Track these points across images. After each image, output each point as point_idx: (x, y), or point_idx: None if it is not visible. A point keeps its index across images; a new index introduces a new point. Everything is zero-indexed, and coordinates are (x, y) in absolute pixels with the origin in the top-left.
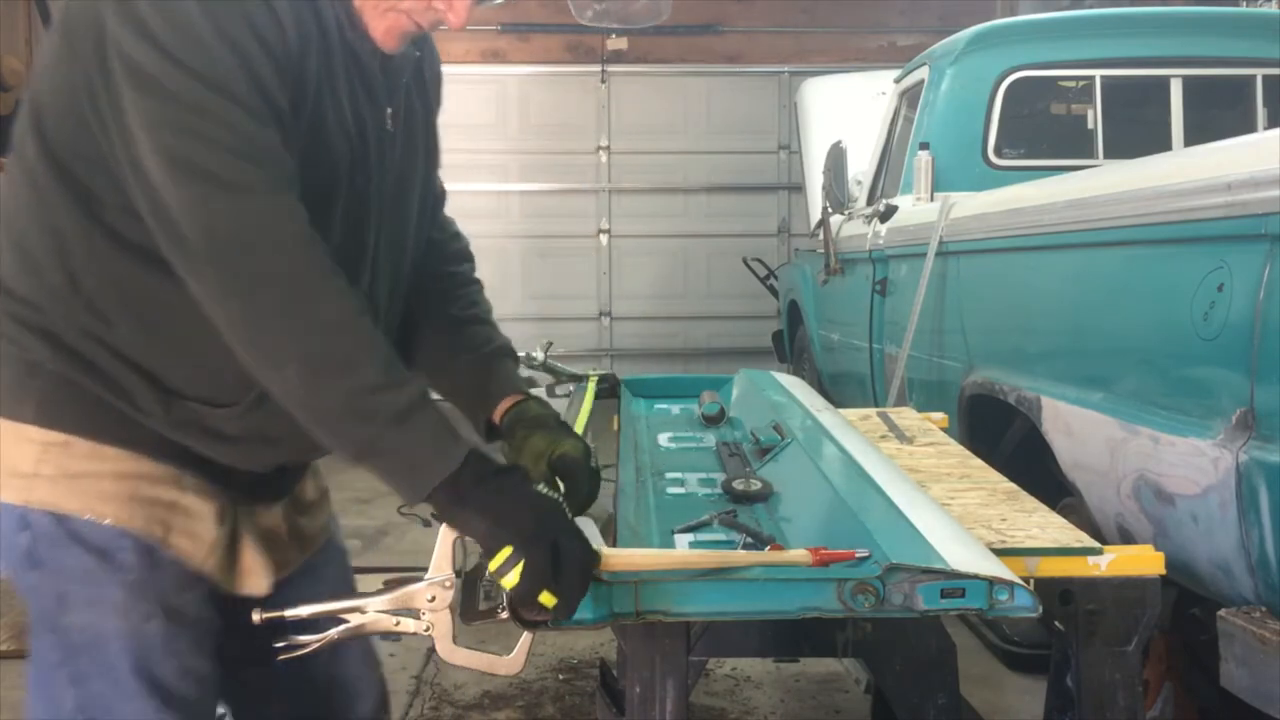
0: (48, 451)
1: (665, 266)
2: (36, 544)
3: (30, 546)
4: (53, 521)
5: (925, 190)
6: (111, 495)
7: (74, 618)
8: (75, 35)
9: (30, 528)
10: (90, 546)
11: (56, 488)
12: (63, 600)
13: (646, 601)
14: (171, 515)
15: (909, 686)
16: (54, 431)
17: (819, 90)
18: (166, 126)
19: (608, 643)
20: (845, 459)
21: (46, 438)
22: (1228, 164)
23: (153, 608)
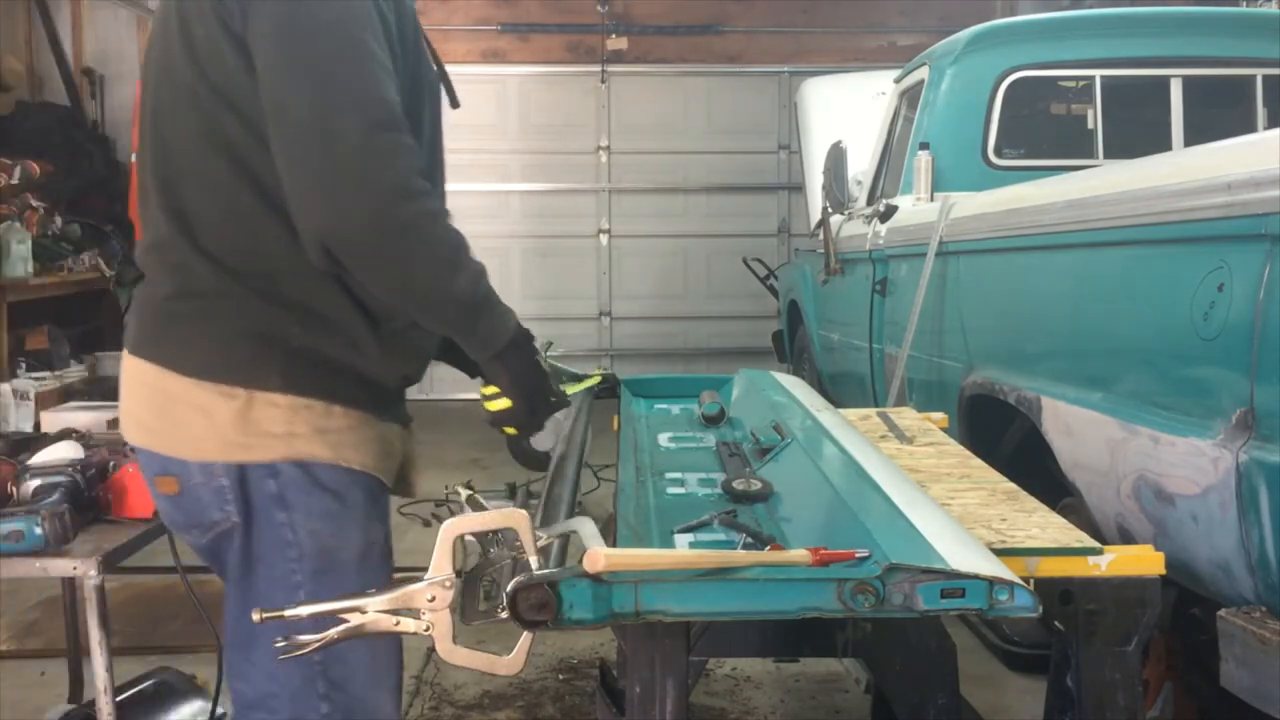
0: (297, 413)
1: (665, 266)
2: (285, 490)
3: (279, 491)
4: (300, 471)
5: (925, 190)
6: (350, 443)
7: (318, 546)
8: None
9: (278, 476)
10: (329, 490)
11: (311, 442)
12: (314, 535)
13: (646, 601)
14: (383, 451)
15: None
16: (298, 396)
17: (819, 90)
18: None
19: (608, 643)
20: (845, 459)
21: (292, 402)
22: (1228, 164)
23: (375, 537)
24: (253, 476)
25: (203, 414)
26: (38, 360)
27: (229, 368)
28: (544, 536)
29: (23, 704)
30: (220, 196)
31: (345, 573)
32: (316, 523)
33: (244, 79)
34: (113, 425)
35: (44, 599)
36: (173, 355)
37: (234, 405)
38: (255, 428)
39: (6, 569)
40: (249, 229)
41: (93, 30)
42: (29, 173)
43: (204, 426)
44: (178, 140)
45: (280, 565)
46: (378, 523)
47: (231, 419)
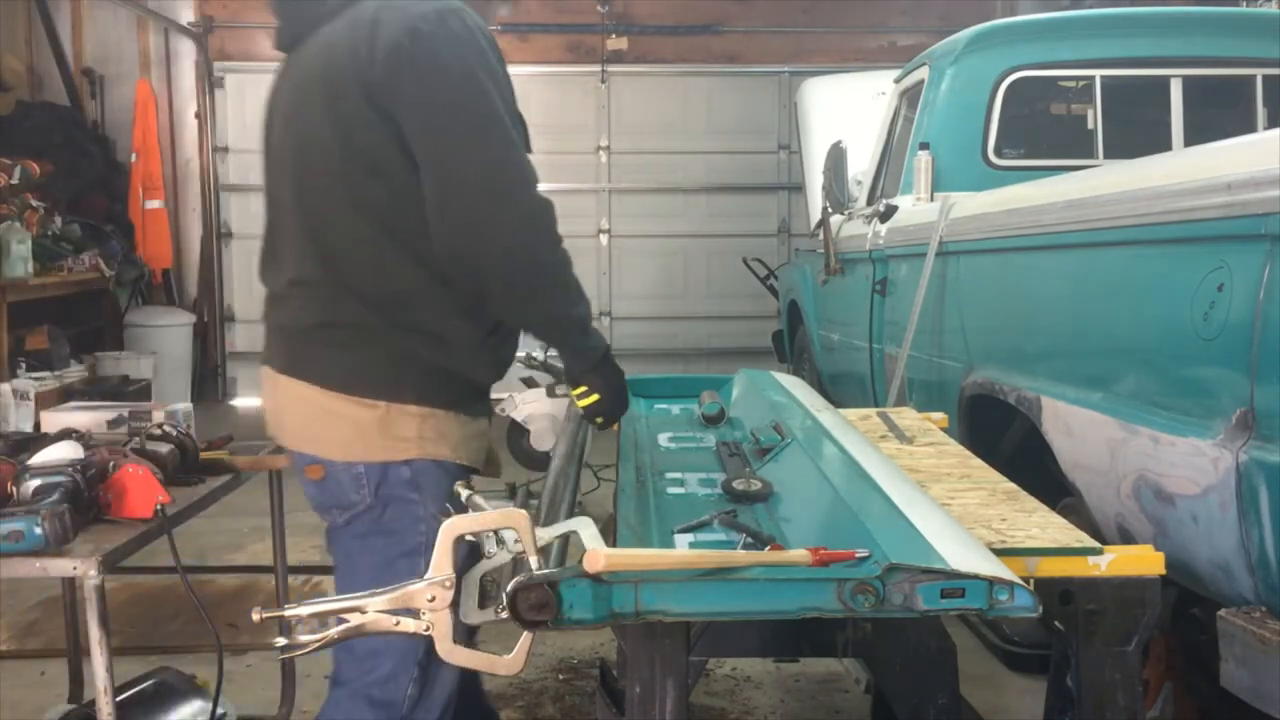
0: (426, 421)
1: (665, 266)
2: (417, 475)
3: (412, 477)
4: (428, 461)
5: (925, 190)
6: (462, 443)
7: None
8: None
9: (411, 465)
10: (450, 475)
11: (437, 445)
12: (440, 503)
13: (646, 601)
14: (480, 444)
15: (909, 686)
16: (426, 407)
17: (819, 90)
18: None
19: (608, 643)
20: (845, 459)
21: (422, 412)
22: (1228, 164)
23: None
24: (390, 468)
25: (350, 422)
26: (38, 360)
27: (372, 384)
28: (544, 536)
29: (23, 704)
30: (364, 246)
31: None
32: (444, 498)
33: (390, 147)
34: (113, 425)
35: (44, 599)
36: (323, 374)
37: (375, 414)
38: (393, 433)
39: (6, 569)
40: (387, 271)
41: (93, 30)
42: (29, 173)
43: (351, 432)
44: (325, 200)
45: (406, 535)
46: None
47: (374, 425)
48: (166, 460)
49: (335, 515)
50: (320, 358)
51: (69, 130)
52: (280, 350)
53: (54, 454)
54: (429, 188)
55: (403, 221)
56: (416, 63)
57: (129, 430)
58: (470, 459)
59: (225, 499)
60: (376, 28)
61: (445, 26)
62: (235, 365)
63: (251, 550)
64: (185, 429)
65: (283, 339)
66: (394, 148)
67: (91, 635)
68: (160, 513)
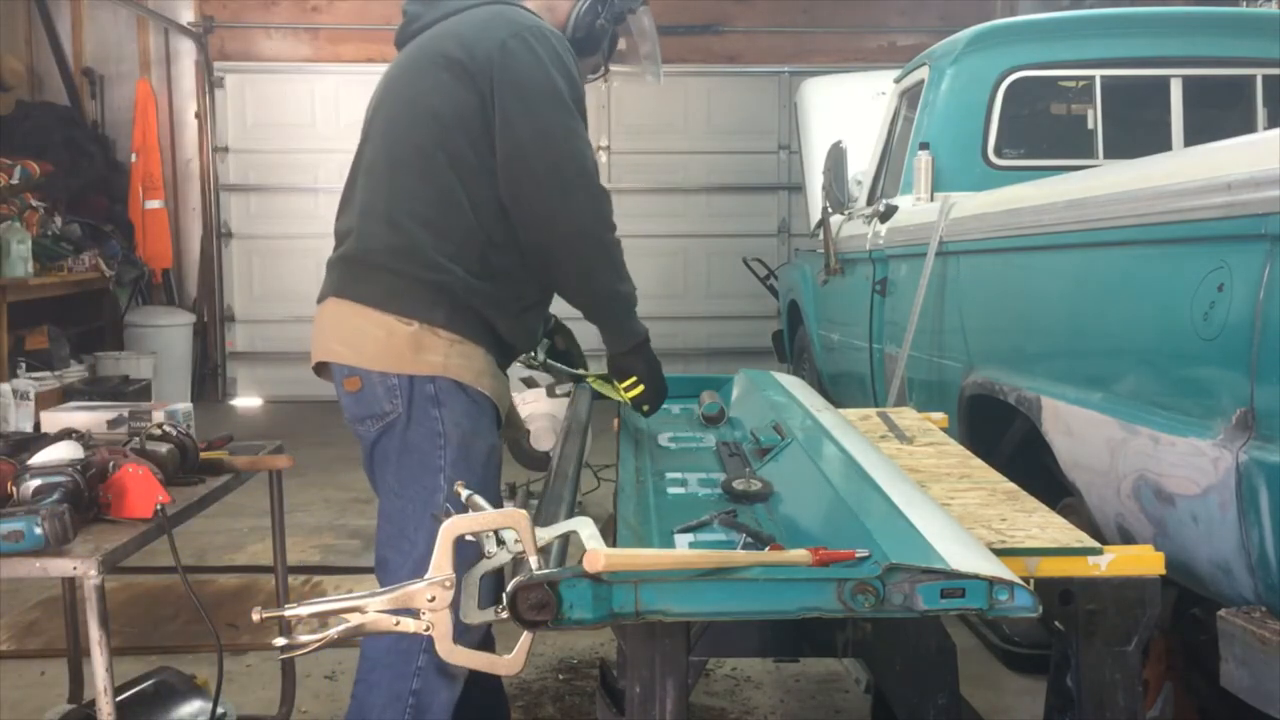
0: (453, 345)
1: (665, 266)
2: (440, 393)
3: (436, 393)
4: (451, 382)
5: (925, 190)
6: (485, 374)
7: (459, 438)
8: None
9: (435, 382)
10: (472, 398)
11: (460, 369)
12: (457, 424)
13: (646, 601)
14: (502, 390)
15: (909, 686)
16: (455, 334)
17: (819, 90)
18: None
19: (608, 643)
20: (845, 459)
21: (451, 337)
22: (1228, 164)
23: (497, 443)
24: (417, 382)
25: (386, 334)
26: (38, 360)
27: (410, 304)
28: (544, 536)
29: (23, 704)
30: (436, 186)
31: (476, 463)
32: (461, 418)
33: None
34: (113, 425)
35: (44, 599)
36: (368, 294)
37: (409, 330)
38: (422, 349)
39: (6, 569)
40: (448, 215)
41: (93, 30)
42: (29, 173)
43: (385, 344)
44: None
45: (431, 451)
46: (498, 436)
47: (407, 340)
48: (166, 460)
49: (369, 426)
50: (367, 280)
51: (69, 130)
52: (333, 279)
53: (54, 454)
54: (500, 144)
55: (475, 180)
56: (512, 53)
57: (129, 430)
58: (493, 393)
59: (225, 499)
60: (487, 27)
61: (540, 34)
62: (235, 365)
63: (251, 550)
64: (185, 429)
65: (339, 269)
66: (482, 117)
67: (91, 635)
68: (160, 513)
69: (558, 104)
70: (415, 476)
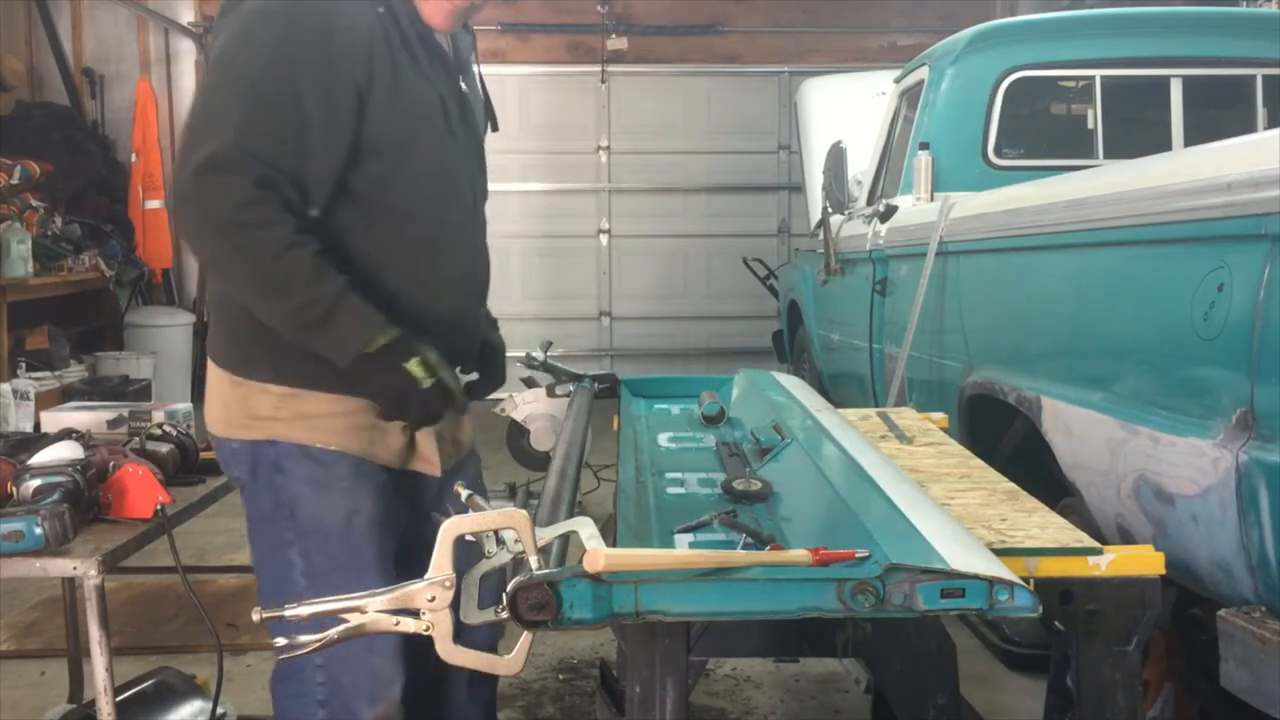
0: (284, 401)
1: (665, 266)
2: (281, 458)
3: (276, 458)
4: (293, 446)
5: (925, 190)
6: (329, 427)
7: (306, 510)
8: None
9: (276, 446)
10: (316, 461)
11: (292, 427)
12: (297, 499)
13: (646, 601)
14: (372, 434)
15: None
16: (284, 386)
17: (819, 90)
18: None
19: (608, 643)
20: (845, 459)
21: (280, 391)
22: (1228, 164)
23: (359, 506)
24: (258, 447)
25: (220, 397)
26: (38, 360)
27: (235, 359)
28: (544, 536)
29: (23, 704)
30: None
31: (329, 535)
32: (304, 488)
33: None
34: (113, 425)
35: (44, 599)
36: (212, 346)
37: (239, 391)
38: (252, 411)
39: (6, 569)
40: None
41: (93, 30)
42: (29, 173)
43: (221, 404)
44: None
45: (277, 522)
46: (367, 495)
47: (237, 400)
48: (166, 460)
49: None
50: (212, 331)
51: (69, 130)
52: None
53: (54, 454)
54: None
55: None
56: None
57: (129, 430)
58: (346, 446)
59: (225, 499)
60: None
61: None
62: None
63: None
64: (185, 429)
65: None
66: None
67: (91, 635)
68: (160, 513)
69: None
70: (269, 551)
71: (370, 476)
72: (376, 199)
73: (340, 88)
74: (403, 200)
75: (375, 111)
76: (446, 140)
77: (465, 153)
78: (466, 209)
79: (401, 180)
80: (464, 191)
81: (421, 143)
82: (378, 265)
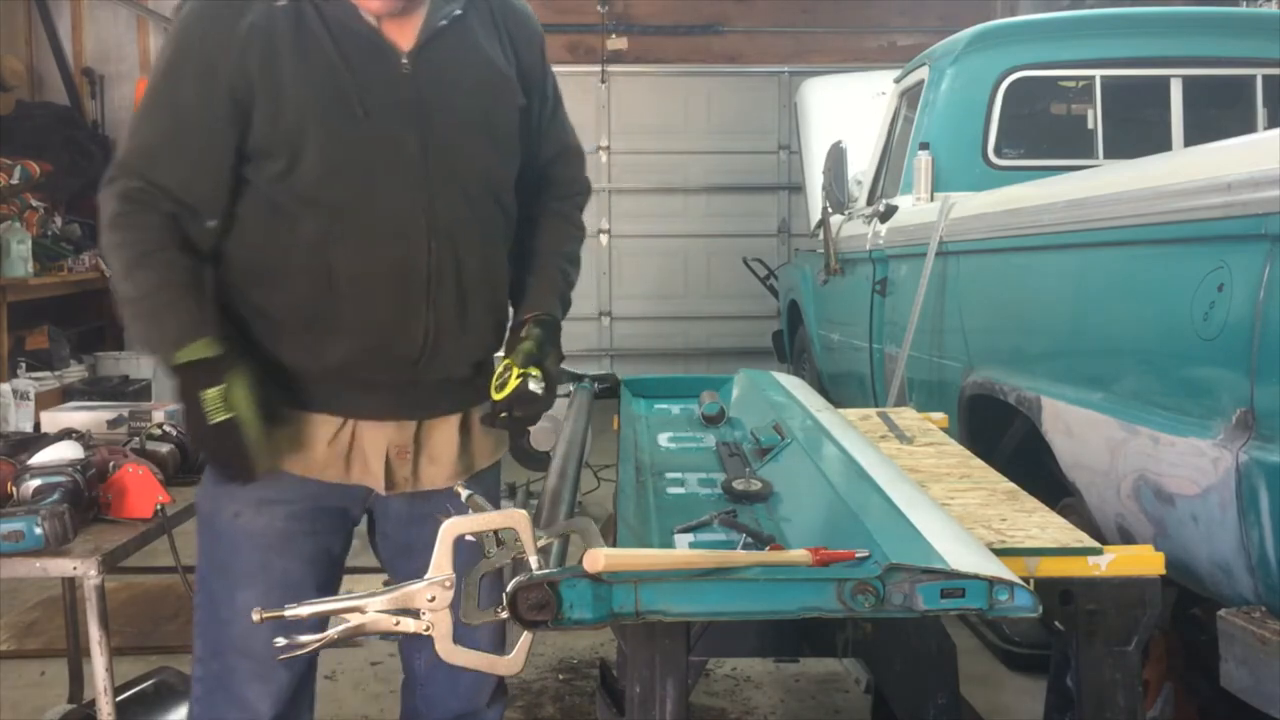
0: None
1: (665, 266)
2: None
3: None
4: None
5: (925, 190)
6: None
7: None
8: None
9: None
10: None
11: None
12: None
13: (646, 601)
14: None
15: (909, 686)
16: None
17: (819, 90)
18: None
19: (608, 643)
20: (845, 459)
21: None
22: (1228, 164)
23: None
24: None
25: None
26: (38, 360)
27: None
28: (544, 536)
29: (23, 704)
30: None
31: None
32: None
33: None
34: (112, 425)
35: (44, 599)
36: None
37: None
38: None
39: (6, 569)
40: None
41: (93, 30)
42: (29, 173)
43: None
44: None
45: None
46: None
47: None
48: (166, 460)
49: None
50: None
51: (69, 130)
52: None
53: (54, 454)
54: None
55: None
56: None
57: (129, 430)
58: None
59: None
60: None
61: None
62: None
63: None
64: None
65: None
66: None
67: (91, 635)
68: (160, 513)
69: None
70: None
71: (271, 485)
72: (278, 198)
73: (218, 96)
74: (301, 197)
75: (259, 114)
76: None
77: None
78: (407, 199)
79: (299, 178)
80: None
81: (320, 138)
82: (276, 265)
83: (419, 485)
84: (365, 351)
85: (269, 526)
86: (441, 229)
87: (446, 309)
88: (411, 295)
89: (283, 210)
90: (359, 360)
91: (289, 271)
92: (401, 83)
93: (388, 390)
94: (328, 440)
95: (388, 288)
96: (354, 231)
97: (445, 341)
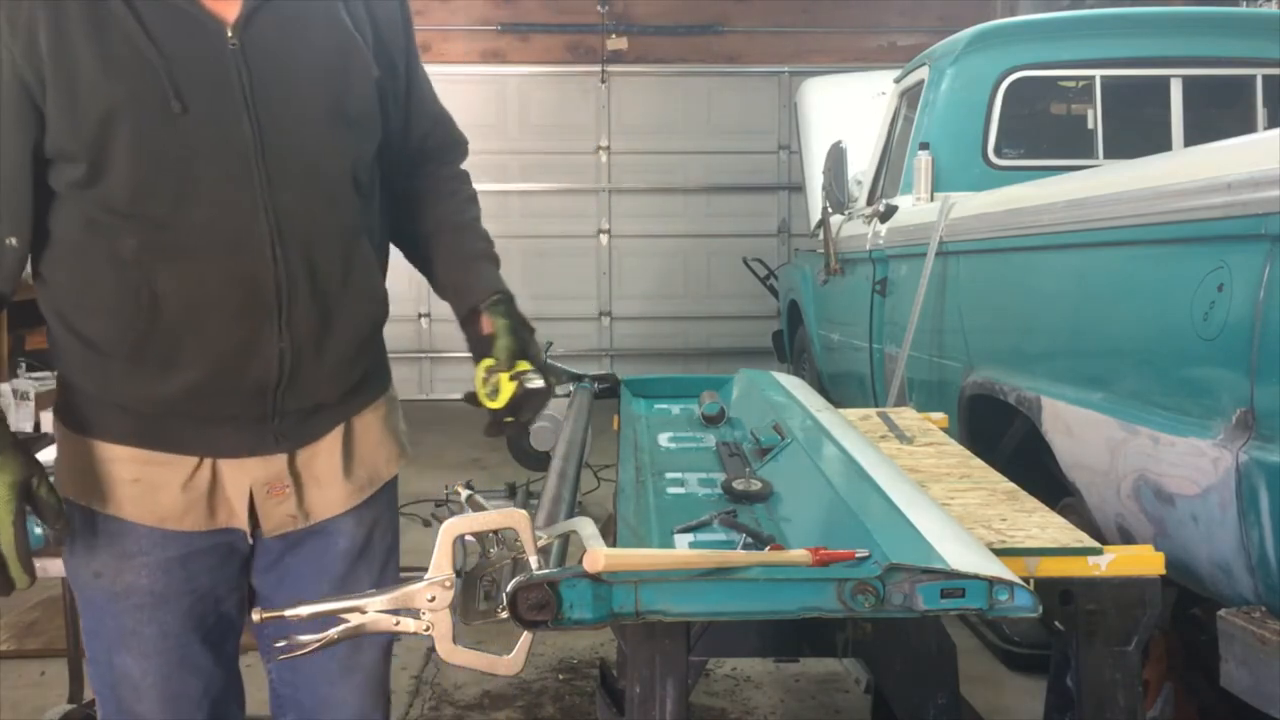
0: (62, 448)
1: (665, 266)
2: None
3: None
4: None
5: (925, 190)
6: (70, 476)
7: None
8: None
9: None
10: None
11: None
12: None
13: (646, 601)
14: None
15: (909, 686)
16: (63, 425)
17: (819, 90)
18: None
19: (608, 643)
20: (845, 459)
21: (62, 433)
22: (1228, 164)
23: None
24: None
25: None
26: (38, 360)
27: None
28: (544, 536)
29: (23, 704)
30: None
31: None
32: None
33: None
34: None
35: (44, 599)
36: None
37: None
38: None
39: None
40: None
41: None
42: None
43: None
44: None
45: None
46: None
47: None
48: None
49: None
50: None
51: None
52: None
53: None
54: None
55: None
56: None
57: None
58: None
59: None
60: None
61: None
62: None
63: None
64: None
65: None
66: None
67: None
68: None
69: None
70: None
71: (126, 538)
72: (89, 211)
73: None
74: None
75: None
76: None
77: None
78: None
79: (107, 186)
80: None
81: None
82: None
83: (314, 518)
84: (210, 385)
85: (134, 584)
86: (289, 234)
87: (304, 326)
88: (257, 316)
89: (97, 225)
90: (204, 394)
91: (110, 296)
92: (228, 63)
93: (245, 422)
94: (181, 484)
95: (225, 310)
96: (179, 247)
97: (306, 365)
